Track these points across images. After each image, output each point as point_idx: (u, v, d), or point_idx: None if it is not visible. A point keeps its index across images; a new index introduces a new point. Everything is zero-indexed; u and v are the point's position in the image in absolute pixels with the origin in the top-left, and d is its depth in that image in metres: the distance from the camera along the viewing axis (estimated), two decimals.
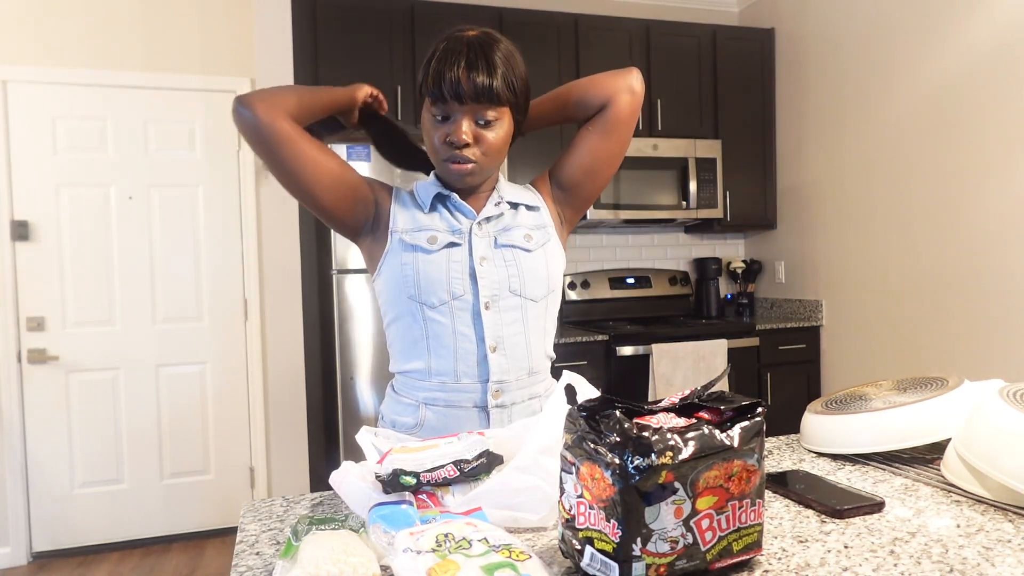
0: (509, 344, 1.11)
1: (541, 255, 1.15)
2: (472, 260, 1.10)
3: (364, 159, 2.80)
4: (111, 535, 3.08)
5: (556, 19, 3.40)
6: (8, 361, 2.93)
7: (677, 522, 0.64)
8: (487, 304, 1.10)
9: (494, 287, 1.10)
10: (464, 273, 1.09)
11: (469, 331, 1.09)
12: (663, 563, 0.64)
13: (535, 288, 1.13)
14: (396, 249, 1.11)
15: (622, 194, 3.42)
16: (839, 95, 3.38)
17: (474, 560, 0.62)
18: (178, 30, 3.11)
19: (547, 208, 1.21)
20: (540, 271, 1.14)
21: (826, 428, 1.10)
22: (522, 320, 1.12)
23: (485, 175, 1.11)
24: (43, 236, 2.97)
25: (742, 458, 0.67)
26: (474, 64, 1.01)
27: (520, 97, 1.08)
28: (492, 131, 1.05)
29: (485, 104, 1.02)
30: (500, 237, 1.13)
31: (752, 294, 3.96)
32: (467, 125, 1.03)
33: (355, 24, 3.11)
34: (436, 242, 1.10)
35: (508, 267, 1.11)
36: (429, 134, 1.07)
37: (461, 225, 1.12)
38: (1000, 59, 2.59)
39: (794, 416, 2.89)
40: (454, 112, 1.03)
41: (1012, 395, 0.91)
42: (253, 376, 3.22)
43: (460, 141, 1.03)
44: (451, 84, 1.00)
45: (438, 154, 1.07)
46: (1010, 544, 0.75)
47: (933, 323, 2.92)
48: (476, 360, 1.09)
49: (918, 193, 2.96)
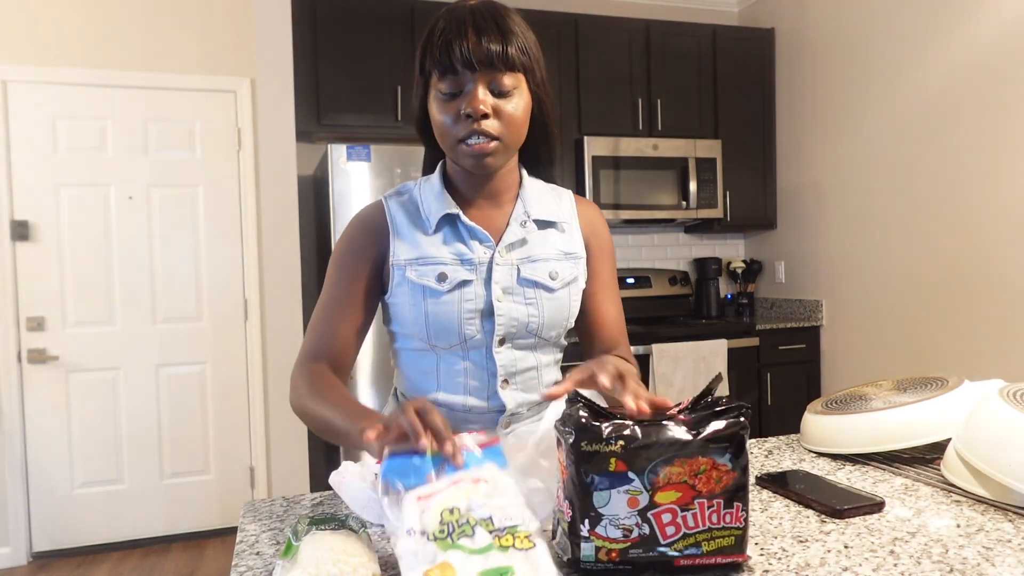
0: (521, 378, 1.04)
1: (565, 295, 1.04)
2: (490, 295, 0.99)
3: (364, 159, 2.80)
4: (111, 535, 3.08)
5: (556, 19, 3.40)
6: (8, 361, 2.93)
7: (631, 511, 0.66)
8: (501, 340, 1.01)
9: (511, 325, 1.00)
10: (477, 312, 0.99)
11: (481, 367, 1.02)
12: (615, 548, 0.66)
13: (552, 330, 1.04)
14: (402, 286, 1.00)
15: (622, 194, 3.42)
16: (839, 95, 3.38)
17: (473, 559, 0.62)
18: (178, 30, 3.11)
19: (579, 235, 1.09)
20: (561, 313, 1.04)
21: (826, 428, 1.10)
22: (535, 356, 1.05)
23: (507, 156, 0.97)
24: (43, 236, 2.97)
25: (709, 456, 0.67)
26: (483, 28, 0.90)
27: (536, 64, 0.97)
28: (510, 101, 0.93)
29: (501, 69, 0.91)
30: (524, 269, 1.01)
31: (752, 294, 3.96)
32: (483, 92, 0.91)
33: (355, 24, 3.11)
34: (446, 280, 0.98)
35: (529, 307, 1.01)
36: (438, 116, 0.94)
37: (474, 254, 0.99)
38: (1001, 59, 2.59)
39: (794, 416, 2.89)
40: (466, 83, 0.91)
41: (1012, 395, 0.91)
42: (253, 376, 3.22)
43: (478, 111, 0.90)
44: (461, 51, 0.89)
45: (452, 135, 0.93)
46: (1010, 544, 0.75)
47: (933, 323, 2.91)
48: (487, 395, 1.03)
49: (918, 193, 2.96)
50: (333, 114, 3.09)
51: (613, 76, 3.49)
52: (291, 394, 0.99)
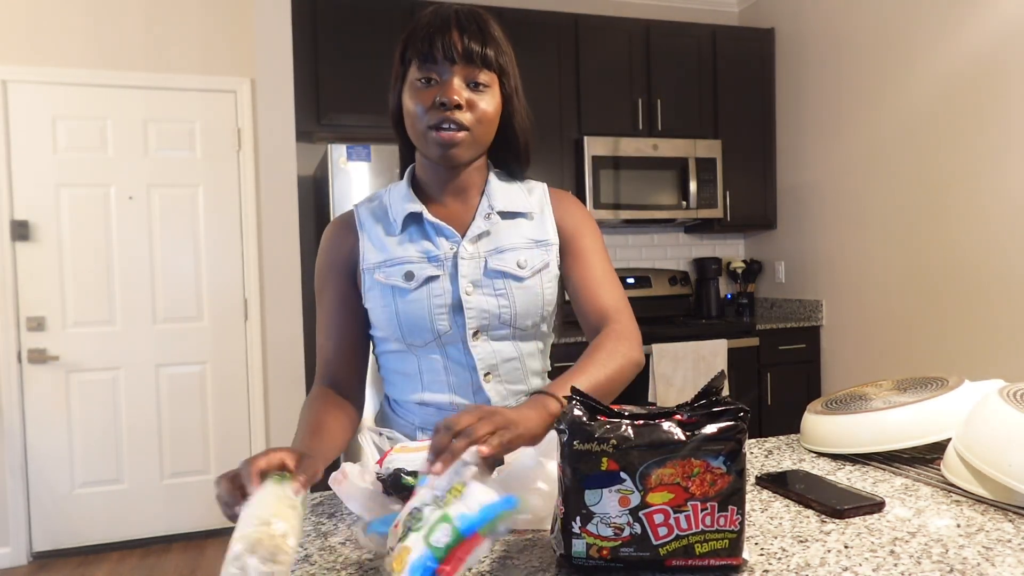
0: (504, 370, 1.05)
1: (536, 283, 1.05)
2: (457, 290, 1.01)
3: (364, 159, 2.80)
4: (111, 535, 3.08)
5: (556, 19, 3.40)
6: (8, 361, 2.93)
7: (622, 510, 0.67)
8: (475, 333, 1.03)
9: (483, 318, 1.02)
10: (447, 306, 1.01)
11: (461, 362, 1.03)
12: (606, 546, 0.67)
13: (527, 319, 1.05)
14: (373, 289, 1.03)
15: (622, 194, 3.42)
16: (839, 95, 3.38)
17: (420, 533, 0.62)
18: (178, 30, 3.11)
19: (552, 222, 1.10)
20: (534, 301, 1.05)
21: (826, 428, 1.10)
22: (514, 346, 1.06)
23: (476, 151, 1.01)
24: (43, 236, 2.97)
25: (703, 458, 0.67)
26: (466, 27, 0.96)
27: (511, 70, 1.02)
28: (483, 98, 0.98)
29: (478, 65, 0.96)
30: (491, 261, 1.03)
31: (752, 294, 3.96)
32: (459, 83, 0.96)
33: (355, 24, 3.11)
34: (413, 278, 1.01)
35: (499, 297, 1.02)
36: (411, 104, 0.98)
37: (440, 251, 1.02)
38: (1001, 58, 2.59)
39: (794, 416, 2.89)
40: (443, 74, 0.96)
41: (1012, 395, 0.91)
42: (253, 376, 3.22)
43: (452, 100, 0.94)
44: (443, 44, 0.95)
45: (423, 122, 0.97)
46: (1010, 544, 0.75)
47: (933, 323, 2.91)
48: (472, 390, 1.04)
49: (918, 193, 2.96)
50: (333, 114, 3.09)
51: (613, 76, 3.49)
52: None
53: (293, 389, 3.03)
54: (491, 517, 0.62)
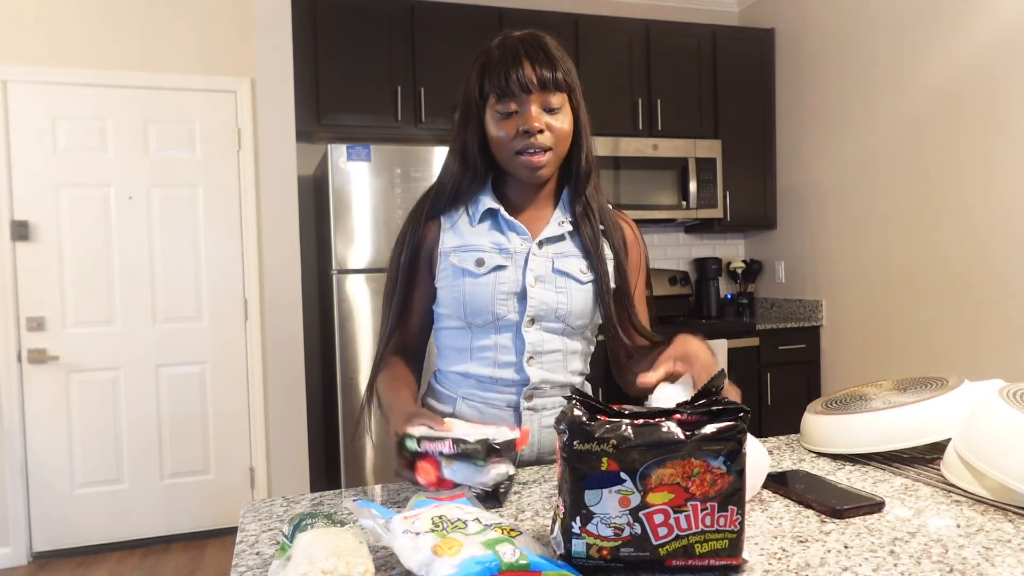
0: (547, 358, 1.15)
1: (592, 289, 1.17)
2: (524, 280, 1.12)
3: (364, 159, 2.80)
4: (111, 535, 3.08)
5: (556, 19, 3.40)
6: (8, 361, 2.93)
7: (623, 511, 0.67)
8: (531, 321, 1.13)
9: (541, 308, 1.13)
10: (511, 294, 1.12)
11: (509, 344, 1.14)
12: (606, 546, 0.67)
13: (579, 319, 1.16)
14: (446, 271, 1.15)
15: (622, 194, 3.42)
16: (839, 95, 3.38)
17: (474, 537, 0.65)
18: (178, 30, 3.11)
19: (624, 247, 1.22)
20: (588, 305, 1.16)
21: (826, 428, 1.10)
22: (561, 340, 1.16)
23: (557, 165, 1.14)
24: (43, 236, 2.97)
25: (702, 458, 0.67)
26: (534, 56, 1.07)
27: (575, 85, 1.12)
28: (558, 118, 1.09)
29: (551, 91, 1.07)
30: (557, 262, 1.15)
31: (752, 294, 3.96)
32: (536, 111, 1.07)
33: (355, 24, 3.11)
34: (483, 264, 1.13)
35: (559, 294, 1.14)
36: (496, 134, 1.09)
37: (511, 244, 1.14)
38: (1001, 58, 2.59)
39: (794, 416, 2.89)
40: (521, 104, 1.07)
41: (1012, 395, 0.91)
42: (253, 376, 3.22)
43: (534, 127, 1.06)
44: (518, 77, 1.06)
45: (508, 149, 1.09)
46: (1010, 544, 0.75)
47: (933, 323, 2.91)
48: (514, 369, 1.14)
49: (918, 193, 2.96)
50: (333, 114, 3.09)
51: (613, 76, 3.49)
52: (372, 376, 1.18)
53: (293, 389, 3.03)
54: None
